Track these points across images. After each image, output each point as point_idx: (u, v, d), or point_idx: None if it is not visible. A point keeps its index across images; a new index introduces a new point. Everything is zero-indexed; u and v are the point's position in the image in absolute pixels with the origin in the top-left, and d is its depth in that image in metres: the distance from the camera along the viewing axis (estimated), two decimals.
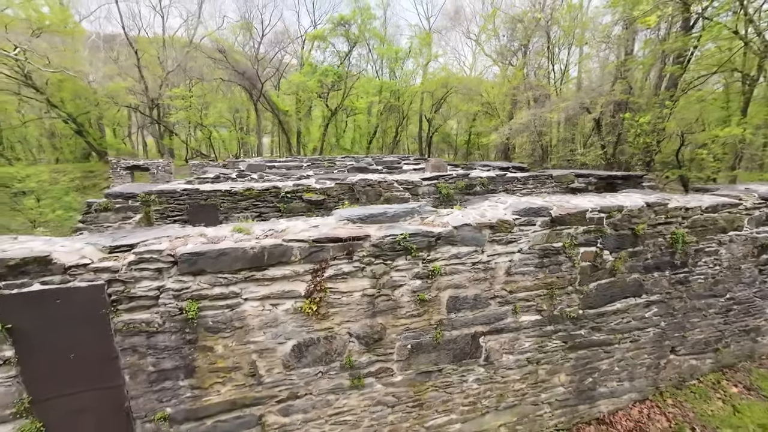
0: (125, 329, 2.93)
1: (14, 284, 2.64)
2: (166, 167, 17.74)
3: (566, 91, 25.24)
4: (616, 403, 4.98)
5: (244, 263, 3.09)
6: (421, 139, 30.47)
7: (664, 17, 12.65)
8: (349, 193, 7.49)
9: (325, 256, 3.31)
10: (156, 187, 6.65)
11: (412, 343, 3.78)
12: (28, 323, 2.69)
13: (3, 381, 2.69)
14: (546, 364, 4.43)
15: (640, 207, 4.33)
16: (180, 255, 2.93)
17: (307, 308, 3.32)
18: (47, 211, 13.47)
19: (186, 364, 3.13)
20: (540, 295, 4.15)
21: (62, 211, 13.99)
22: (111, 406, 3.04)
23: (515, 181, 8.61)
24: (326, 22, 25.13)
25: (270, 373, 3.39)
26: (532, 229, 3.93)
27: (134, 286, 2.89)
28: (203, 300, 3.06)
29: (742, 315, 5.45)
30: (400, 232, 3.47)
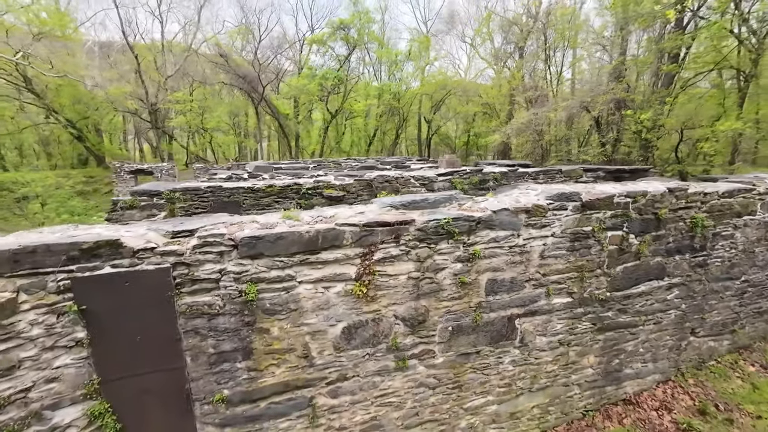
0: (188, 311, 3.03)
1: (86, 267, 2.73)
2: (170, 171, 17.72)
3: (562, 91, 25.69)
4: (641, 384, 5.14)
5: (299, 247, 3.21)
6: (420, 141, 30.77)
7: (659, 16, 13.08)
8: (368, 190, 7.63)
9: (374, 239, 3.44)
10: (180, 185, 6.73)
11: (453, 325, 3.91)
12: (99, 305, 2.77)
13: (75, 362, 2.77)
14: (576, 346, 4.59)
15: (662, 192, 4.53)
16: (240, 239, 3.05)
17: (357, 291, 3.44)
18: (53, 215, 13.36)
19: (244, 346, 3.23)
20: (571, 278, 4.32)
21: (67, 215, 13.88)
22: (173, 388, 3.13)
23: (526, 177, 8.81)
24: (325, 27, 25.44)
25: (321, 355, 3.49)
26: (564, 214, 4.10)
27: (198, 269, 3.00)
28: (261, 283, 3.17)
29: (756, 297, 5.67)
30: (443, 217, 3.62)
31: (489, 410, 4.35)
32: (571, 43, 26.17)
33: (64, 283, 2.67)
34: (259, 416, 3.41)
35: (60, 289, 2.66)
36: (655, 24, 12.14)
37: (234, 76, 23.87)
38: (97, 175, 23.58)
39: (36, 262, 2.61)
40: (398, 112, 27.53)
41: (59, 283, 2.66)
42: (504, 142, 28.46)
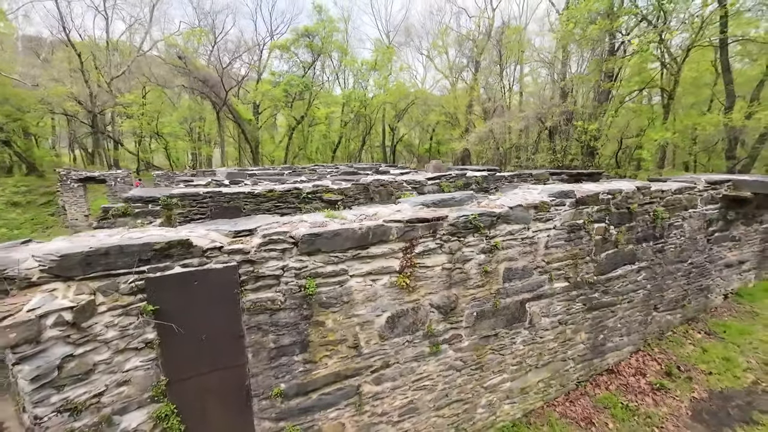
0: (252, 308, 3.13)
1: (158, 267, 2.76)
2: (125, 178, 16.39)
3: (515, 103, 27.94)
4: (619, 355, 5.98)
5: (352, 242, 3.46)
6: (384, 148, 31.49)
7: (590, 42, 15.04)
8: (364, 193, 7.91)
9: (415, 234, 3.78)
10: (178, 190, 6.49)
11: (477, 310, 4.35)
12: (169, 305, 2.80)
13: (144, 364, 2.76)
14: (571, 324, 5.26)
15: (633, 190, 5.40)
16: (301, 236, 3.23)
17: (400, 282, 3.75)
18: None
19: (301, 340, 3.38)
20: (568, 264, 4.99)
21: (6, 229, 12.20)
22: (233, 386, 3.19)
23: (503, 180, 9.67)
24: (290, 33, 25.22)
25: (368, 345, 3.73)
26: (563, 209, 4.76)
27: (262, 266, 3.12)
28: (318, 278, 3.36)
29: (698, 277, 6.85)
30: (470, 213, 4.07)
31: (504, 387, 4.84)
32: (519, 59, 28.71)
33: (137, 284, 2.68)
34: (312, 407, 3.56)
35: (133, 290, 2.67)
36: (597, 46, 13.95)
37: (193, 80, 22.70)
38: (30, 184, 21.03)
39: (109, 264, 2.60)
40: (364, 119, 28.02)
41: (131, 285, 2.67)
42: (465, 149, 30.24)
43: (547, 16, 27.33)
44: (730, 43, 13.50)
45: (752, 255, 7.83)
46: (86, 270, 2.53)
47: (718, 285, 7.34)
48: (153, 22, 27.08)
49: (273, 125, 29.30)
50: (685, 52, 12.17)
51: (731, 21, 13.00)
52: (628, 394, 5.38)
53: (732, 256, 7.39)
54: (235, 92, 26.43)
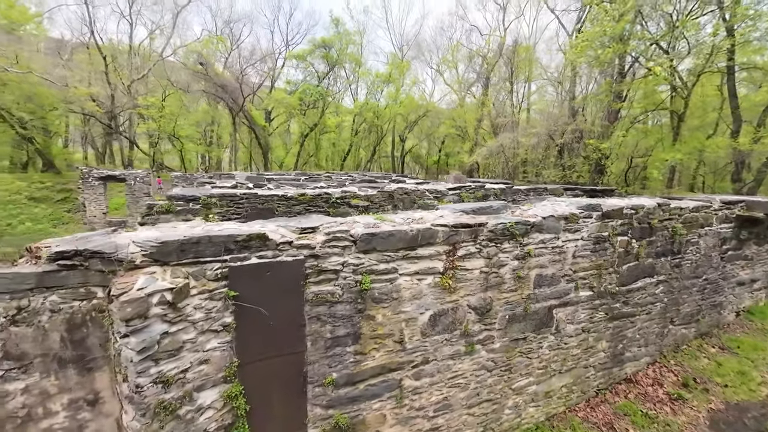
0: (314, 299, 3.40)
1: (238, 257, 3.04)
2: (144, 178, 16.78)
3: (522, 119, 28.50)
4: (637, 365, 6.18)
5: (403, 243, 3.74)
6: (393, 158, 32.02)
7: (603, 64, 15.54)
8: (389, 200, 8.22)
9: (458, 239, 4.06)
10: (217, 191, 6.81)
11: (509, 314, 4.60)
12: (246, 293, 3.07)
13: (221, 345, 3.02)
14: (594, 333, 5.49)
15: (654, 206, 5.69)
16: (360, 235, 3.51)
17: (443, 283, 4.02)
18: (15, 223, 11.99)
19: (354, 332, 3.64)
20: (592, 274, 5.24)
21: (30, 223, 12.51)
22: (293, 371, 3.43)
23: (520, 193, 9.98)
24: (306, 43, 26.00)
25: (411, 340, 3.98)
26: (590, 221, 5.05)
27: (325, 261, 3.40)
28: (372, 274, 3.63)
29: (712, 293, 7.08)
30: (508, 221, 4.35)
31: (530, 390, 5.04)
32: (528, 77, 29.42)
33: (221, 272, 2.96)
34: (358, 397, 3.79)
35: (217, 276, 2.95)
36: (609, 68, 14.45)
37: (213, 85, 23.33)
38: (48, 180, 21.44)
39: (199, 252, 2.88)
40: (376, 129, 28.59)
41: (217, 272, 2.94)
42: (474, 162, 30.70)
43: (557, 36, 28.08)
44: (737, 70, 13.99)
45: (763, 274, 8.06)
46: (180, 256, 2.82)
47: (730, 302, 7.56)
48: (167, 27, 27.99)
49: (286, 132, 29.88)
50: (696, 77, 12.65)
51: (738, 49, 13.51)
52: (647, 402, 5.57)
53: (744, 275, 7.63)
54: (251, 99, 27.06)
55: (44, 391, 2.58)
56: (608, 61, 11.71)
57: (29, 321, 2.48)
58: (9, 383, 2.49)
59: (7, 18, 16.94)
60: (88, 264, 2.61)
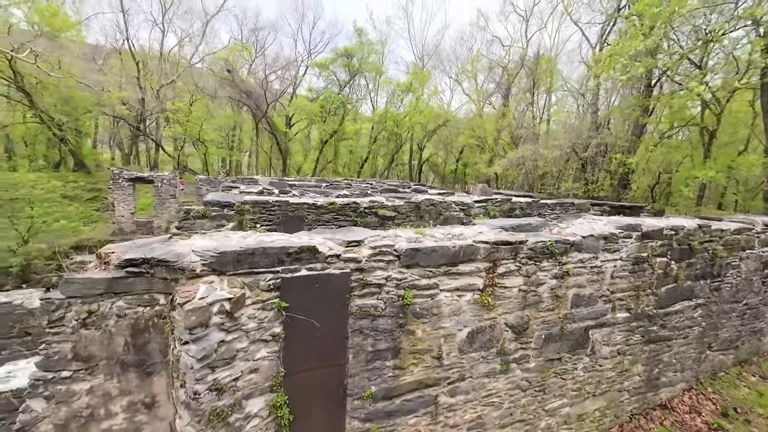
0: (358, 312, 3.43)
1: (289, 269, 3.11)
2: (171, 180, 17.29)
3: (543, 130, 28.21)
4: (672, 391, 5.96)
5: (446, 259, 3.75)
6: (411, 167, 32.12)
7: (632, 78, 15.26)
8: (416, 211, 8.24)
9: (499, 256, 4.05)
10: (250, 198, 6.98)
11: (545, 333, 4.53)
12: (295, 304, 3.13)
13: (269, 354, 3.07)
14: (629, 356, 5.34)
15: (695, 227, 5.54)
16: (404, 250, 3.54)
17: (482, 300, 4.00)
18: (50, 221, 12.54)
19: (395, 346, 3.65)
20: (630, 295, 5.12)
21: (65, 221, 13.06)
22: (335, 383, 3.46)
23: (546, 207, 9.86)
24: (329, 52, 26.56)
25: (448, 357, 3.96)
26: (629, 241, 4.95)
27: (370, 274, 3.44)
28: (414, 289, 3.65)
29: (752, 319, 6.80)
30: (548, 239, 4.31)
31: (563, 412, 4.93)
32: (549, 88, 29.19)
33: (273, 283, 3.03)
34: (395, 412, 3.78)
35: (270, 287, 3.02)
36: (639, 82, 14.22)
37: (238, 92, 24.01)
38: (78, 179, 22.30)
39: (254, 263, 2.96)
40: (395, 138, 28.80)
41: (269, 282, 3.01)
42: (484, 173, 30.50)
43: (579, 48, 27.88)
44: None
45: None
46: (237, 267, 2.90)
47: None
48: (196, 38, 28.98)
49: (306, 138, 30.43)
50: (730, 93, 12.31)
51: None
52: (684, 431, 5.36)
53: None
54: (273, 105, 27.69)
55: (107, 392, 2.68)
56: (639, 76, 11.49)
57: (98, 325, 2.59)
58: (76, 383, 2.60)
59: (51, 25, 17.91)
60: (154, 272, 2.72)
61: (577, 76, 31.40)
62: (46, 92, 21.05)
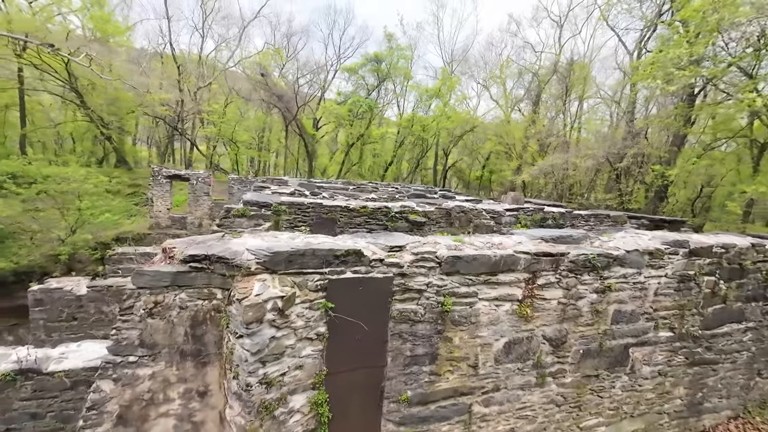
0: (398, 317, 3.49)
1: (336, 271, 3.21)
2: (205, 179, 18.06)
3: (574, 139, 27.41)
4: (717, 418, 5.64)
5: (486, 268, 3.75)
6: (435, 172, 32.01)
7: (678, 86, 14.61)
8: (446, 218, 8.24)
9: (539, 267, 4.00)
10: (287, 199, 7.22)
11: (583, 348, 4.42)
12: (339, 305, 3.23)
13: (313, 353, 3.18)
14: (671, 377, 5.11)
15: (747, 246, 5.25)
16: (445, 257, 3.58)
17: (521, 311, 3.96)
18: (96, 213, 13.44)
19: (432, 352, 3.68)
20: (674, 314, 4.91)
21: (110, 214, 13.95)
22: (372, 385, 3.53)
23: (579, 218, 9.59)
24: (358, 57, 27.09)
25: (484, 366, 3.95)
26: (676, 258, 4.76)
27: (411, 280, 3.50)
28: (453, 297, 3.67)
29: None
30: (590, 252, 4.22)
31: (598, 431, 4.77)
32: (582, 95, 28.34)
33: (320, 283, 3.14)
34: (428, 418, 3.80)
35: (317, 288, 3.13)
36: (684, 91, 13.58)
37: (270, 95, 24.83)
38: (120, 175, 23.61)
39: (303, 263, 3.09)
40: (421, 142, 28.85)
41: (317, 283, 3.13)
42: (511, 180, 29.92)
43: (615, 54, 26.92)
44: None
45: None
46: (288, 266, 3.03)
47: None
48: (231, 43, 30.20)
49: (333, 141, 31.03)
50: None
51: None
52: None
53: None
54: (302, 108, 28.40)
55: (166, 379, 2.86)
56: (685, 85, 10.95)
57: (162, 315, 2.78)
58: (140, 368, 2.79)
59: (103, 31, 19.24)
60: (213, 268, 2.88)
61: (611, 84, 30.39)
62: (95, 93, 22.50)
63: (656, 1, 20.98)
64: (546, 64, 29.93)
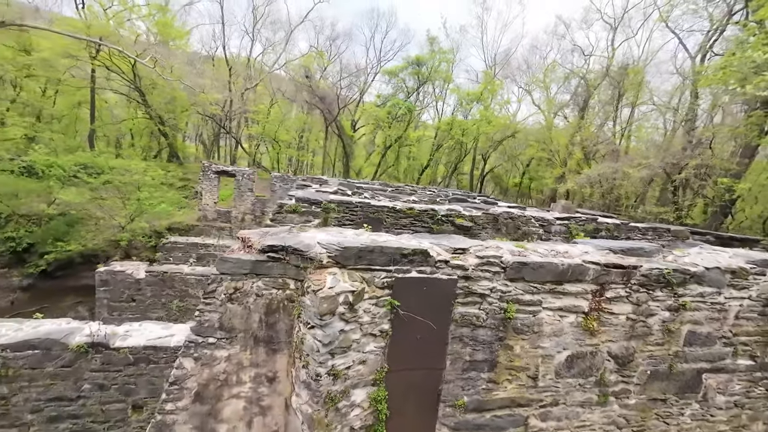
0: (460, 320, 3.44)
1: (402, 269, 3.22)
2: (250, 176, 18.91)
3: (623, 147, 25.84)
4: None
5: (552, 276, 3.61)
6: (472, 177, 31.43)
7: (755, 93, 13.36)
8: (493, 224, 8.05)
9: (608, 279, 3.79)
10: (336, 197, 7.40)
11: (651, 369, 4.13)
12: (404, 303, 3.23)
13: (376, 349, 3.20)
14: (749, 410, 4.65)
15: None
16: (511, 263, 3.48)
17: (586, 323, 3.77)
18: (155, 203, 14.55)
19: (491, 359, 3.59)
20: (757, 341, 4.47)
21: (165, 204, 15.04)
22: (430, 387, 3.50)
23: (636, 231, 9.02)
24: (399, 60, 27.32)
25: (544, 378, 3.79)
26: (762, 279, 4.33)
27: (475, 283, 3.44)
28: (517, 304, 3.56)
29: None
30: (664, 267, 3.94)
31: None
32: (634, 102, 26.67)
33: (387, 281, 3.16)
34: (483, 426, 3.70)
35: (384, 285, 3.16)
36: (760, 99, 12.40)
37: (313, 96, 25.63)
38: (173, 170, 25.21)
39: (371, 260, 3.12)
40: (459, 147, 28.50)
41: (383, 280, 3.15)
42: (553, 188, 28.69)
43: (674, 58, 25.08)
44: None
45: None
46: (357, 262, 3.09)
47: None
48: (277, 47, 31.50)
49: (371, 142, 31.47)
50: None
51: None
52: None
53: None
54: (343, 110, 29.01)
55: (240, 362, 3.00)
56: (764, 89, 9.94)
57: (240, 301, 2.92)
58: (218, 350, 2.95)
59: (166, 35, 20.76)
60: (288, 258, 2.99)
61: (665, 89, 28.36)
62: (156, 92, 24.25)
63: (726, 1, 19.40)
64: (595, 68, 28.53)
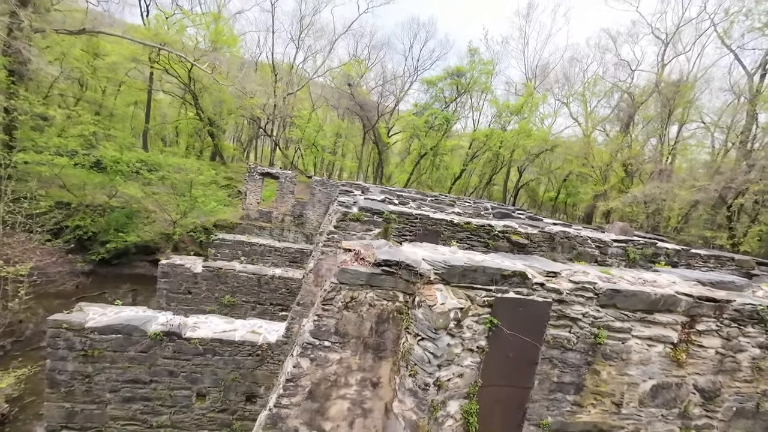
0: (551, 342, 3.55)
1: (501, 289, 3.37)
2: (292, 179, 19.61)
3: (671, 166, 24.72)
4: None
5: (643, 305, 3.65)
6: (506, 189, 31.03)
7: None
8: (549, 242, 8.03)
9: (699, 311, 3.78)
10: (396, 208, 7.64)
11: (737, 406, 4.05)
12: (501, 322, 3.38)
13: (472, 364, 3.36)
14: None
15: None
16: (604, 290, 3.56)
17: (674, 354, 3.77)
18: (207, 201, 15.44)
19: (578, 382, 3.66)
20: None
21: (214, 203, 15.92)
22: (517, 404, 3.61)
23: (697, 258, 8.70)
24: (439, 70, 27.56)
25: (627, 406, 3.81)
26: None
27: (569, 307, 3.53)
28: (607, 330, 3.62)
29: None
30: (758, 303, 3.88)
31: None
32: (683, 119, 25.52)
33: (487, 299, 3.32)
34: None
35: (484, 303, 3.32)
36: None
37: (354, 104, 26.28)
38: (220, 169, 26.42)
39: (474, 278, 3.30)
40: (495, 158, 28.28)
41: (483, 299, 3.32)
42: (590, 205, 27.80)
43: (728, 75, 23.82)
44: None
45: None
46: (460, 280, 3.27)
47: None
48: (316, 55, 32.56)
49: (405, 150, 31.82)
50: None
51: None
52: None
53: None
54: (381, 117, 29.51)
55: (349, 366, 3.24)
56: None
57: (355, 309, 3.17)
58: (332, 353, 3.20)
59: (219, 42, 22.01)
60: (401, 273, 3.22)
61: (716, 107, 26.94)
62: (206, 95, 25.62)
63: None
64: (641, 84, 27.59)
